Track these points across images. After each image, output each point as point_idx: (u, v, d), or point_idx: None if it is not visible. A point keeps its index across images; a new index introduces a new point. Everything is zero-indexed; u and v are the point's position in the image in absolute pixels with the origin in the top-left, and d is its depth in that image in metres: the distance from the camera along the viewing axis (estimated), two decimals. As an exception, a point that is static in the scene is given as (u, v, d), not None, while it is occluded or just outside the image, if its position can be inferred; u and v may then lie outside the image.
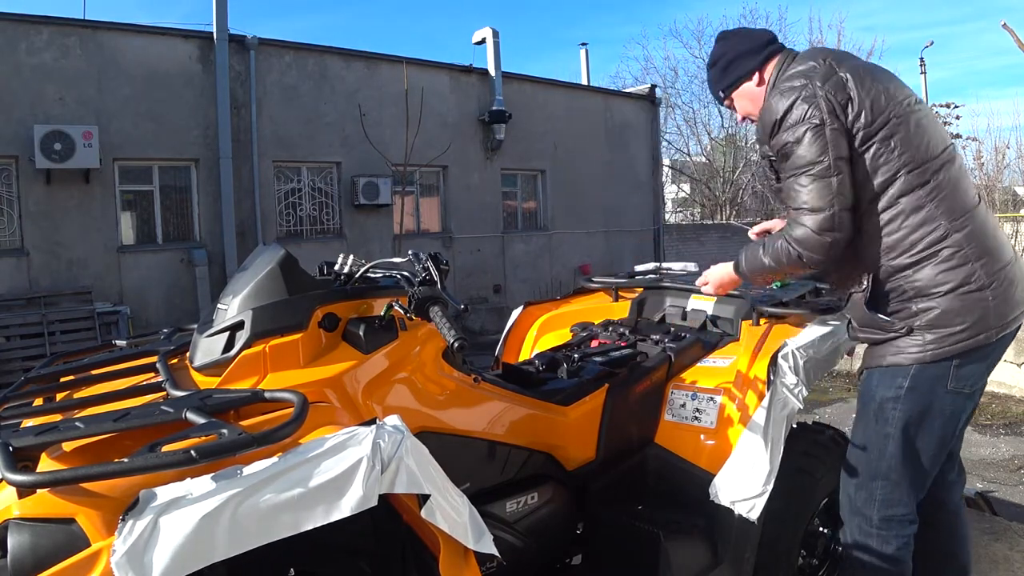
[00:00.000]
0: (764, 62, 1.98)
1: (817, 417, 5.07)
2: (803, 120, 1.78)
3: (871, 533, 1.93)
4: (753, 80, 2.00)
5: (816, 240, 1.78)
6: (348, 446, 1.24)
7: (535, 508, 1.92)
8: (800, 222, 1.80)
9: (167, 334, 2.09)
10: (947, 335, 1.78)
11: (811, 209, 1.78)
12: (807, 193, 1.78)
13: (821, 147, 1.76)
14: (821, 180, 1.76)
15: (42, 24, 7.73)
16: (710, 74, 2.11)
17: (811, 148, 1.77)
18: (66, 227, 7.88)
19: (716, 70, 2.08)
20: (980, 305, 1.78)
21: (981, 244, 1.79)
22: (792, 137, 1.79)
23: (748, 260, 1.99)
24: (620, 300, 2.97)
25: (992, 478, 4.25)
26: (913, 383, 1.83)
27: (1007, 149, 18.61)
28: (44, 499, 1.15)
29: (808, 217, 1.78)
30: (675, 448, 2.20)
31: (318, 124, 9.72)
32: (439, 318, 1.61)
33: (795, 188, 1.81)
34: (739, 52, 2.01)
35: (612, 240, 13.43)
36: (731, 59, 2.02)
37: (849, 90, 1.80)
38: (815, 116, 1.77)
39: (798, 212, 1.81)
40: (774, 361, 2.04)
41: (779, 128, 1.82)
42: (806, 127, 1.77)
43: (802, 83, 1.82)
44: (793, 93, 1.81)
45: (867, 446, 1.93)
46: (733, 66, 2.02)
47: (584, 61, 15.49)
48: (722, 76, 2.06)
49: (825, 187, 1.76)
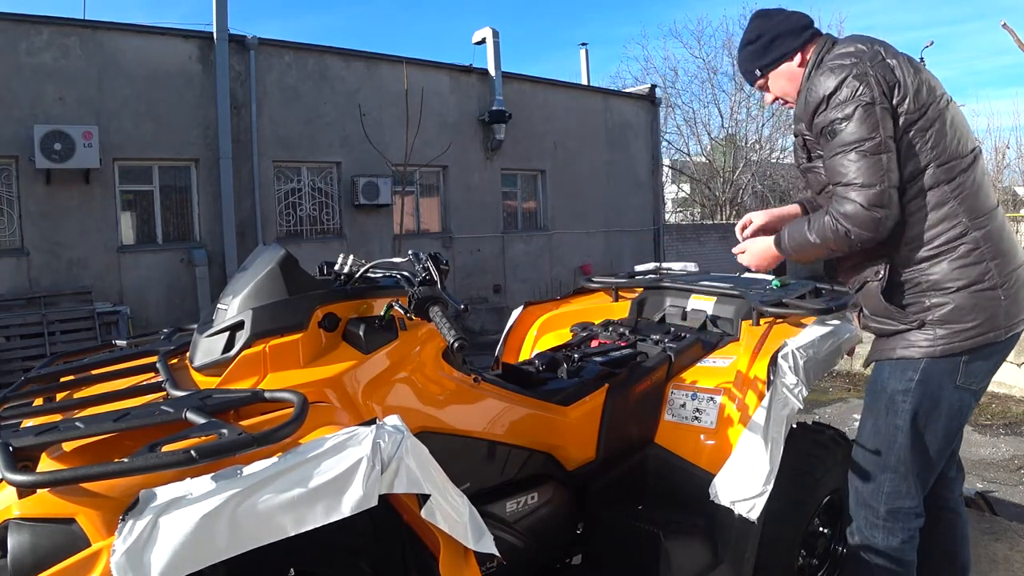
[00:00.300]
0: (806, 43, 1.97)
1: (817, 417, 5.07)
2: (854, 97, 1.77)
3: (877, 525, 1.94)
4: (795, 60, 1.98)
5: (866, 215, 1.76)
6: (348, 446, 1.24)
7: (535, 508, 1.92)
8: (849, 198, 1.78)
9: (167, 334, 2.09)
10: (958, 331, 1.80)
11: (862, 185, 1.76)
12: (857, 169, 1.77)
13: (872, 124, 1.75)
14: (872, 157, 1.75)
15: (42, 24, 7.73)
16: (747, 51, 2.07)
17: (862, 125, 1.76)
18: (66, 227, 7.88)
19: (756, 47, 2.03)
20: (992, 304, 1.80)
21: (997, 245, 1.82)
22: (841, 114, 1.78)
23: (791, 236, 1.96)
24: (620, 300, 2.97)
25: (992, 478, 4.25)
26: (923, 376, 1.85)
27: (1007, 149, 18.66)
28: (44, 499, 1.15)
29: (858, 192, 1.76)
30: (675, 448, 2.20)
31: (318, 124, 9.72)
32: (439, 318, 1.61)
33: (843, 164, 1.79)
34: (782, 31, 1.98)
35: (612, 240, 13.43)
36: (773, 36, 1.99)
37: (897, 75, 1.80)
38: (866, 94, 1.76)
39: (847, 188, 1.79)
40: (774, 361, 2.04)
41: (827, 105, 1.81)
42: (856, 104, 1.76)
43: (852, 61, 1.80)
44: (843, 71, 1.80)
45: (876, 438, 1.94)
46: (776, 44, 1.99)
47: (584, 61, 15.51)
48: (763, 53, 2.02)
49: (876, 163, 1.75)
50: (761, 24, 2.03)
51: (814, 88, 1.84)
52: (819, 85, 1.83)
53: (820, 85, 1.83)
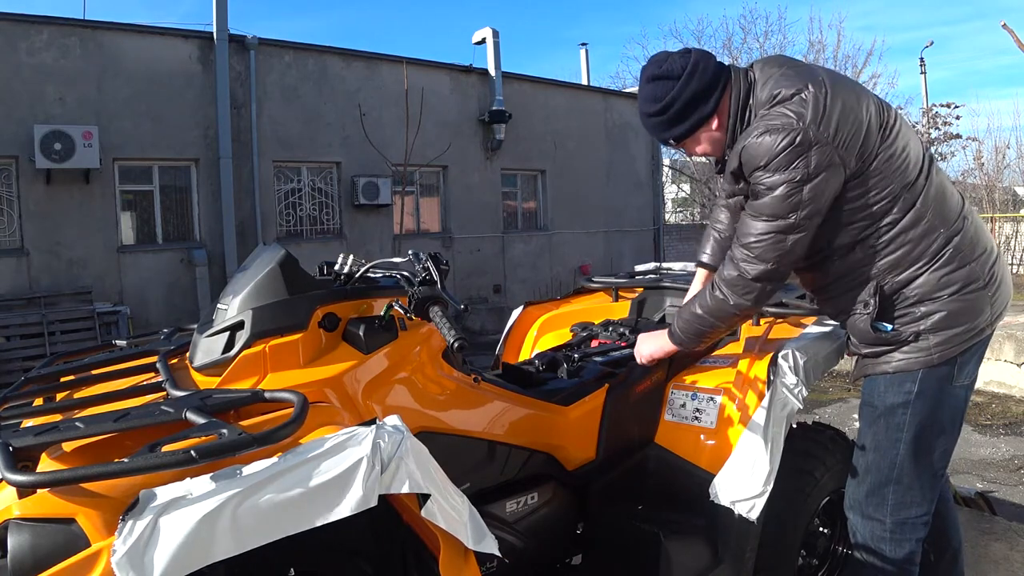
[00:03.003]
0: (720, 99, 1.79)
1: (817, 417, 5.08)
2: (787, 169, 1.64)
3: (884, 538, 1.89)
4: (713, 124, 1.81)
5: (749, 284, 1.77)
6: (348, 446, 1.24)
7: (535, 508, 1.92)
8: (737, 261, 1.78)
9: (167, 334, 2.09)
10: (952, 335, 1.77)
11: (756, 257, 1.74)
12: (758, 240, 1.73)
13: (793, 205, 1.67)
14: (778, 235, 1.71)
15: (42, 24, 7.73)
16: (655, 122, 1.84)
17: (783, 204, 1.67)
18: (66, 227, 7.88)
19: (665, 119, 1.81)
20: (981, 301, 1.78)
21: (974, 243, 1.80)
22: (767, 183, 1.68)
23: (682, 319, 1.96)
24: (620, 300, 2.97)
25: (992, 478, 4.25)
26: (921, 387, 1.80)
27: (1007, 149, 18.64)
28: (44, 499, 1.15)
29: (748, 264, 1.76)
30: (675, 448, 2.20)
31: (318, 124, 9.72)
32: (439, 318, 1.61)
33: (750, 225, 1.75)
34: (693, 94, 1.76)
35: (612, 240, 13.43)
36: (684, 104, 1.77)
37: (846, 119, 1.67)
38: (799, 170, 1.64)
39: (743, 249, 1.77)
40: (774, 361, 2.04)
41: (763, 169, 1.69)
42: (786, 181, 1.65)
43: (794, 126, 1.64)
44: (783, 136, 1.64)
45: (876, 453, 1.88)
46: (688, 112, 1.79)
47: (584, 61, 15.53)
48: (675, 123, 1.81)
49: (779, 243, 1.71)
50: (663, 90, 1.78)
51: (752, 151, 1.69)
52: (755, 150, 1.68)
53: (756, 150, 1.68)
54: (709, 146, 1.87)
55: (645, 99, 1.84)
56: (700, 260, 2.31)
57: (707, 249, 2.29)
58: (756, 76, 1.79)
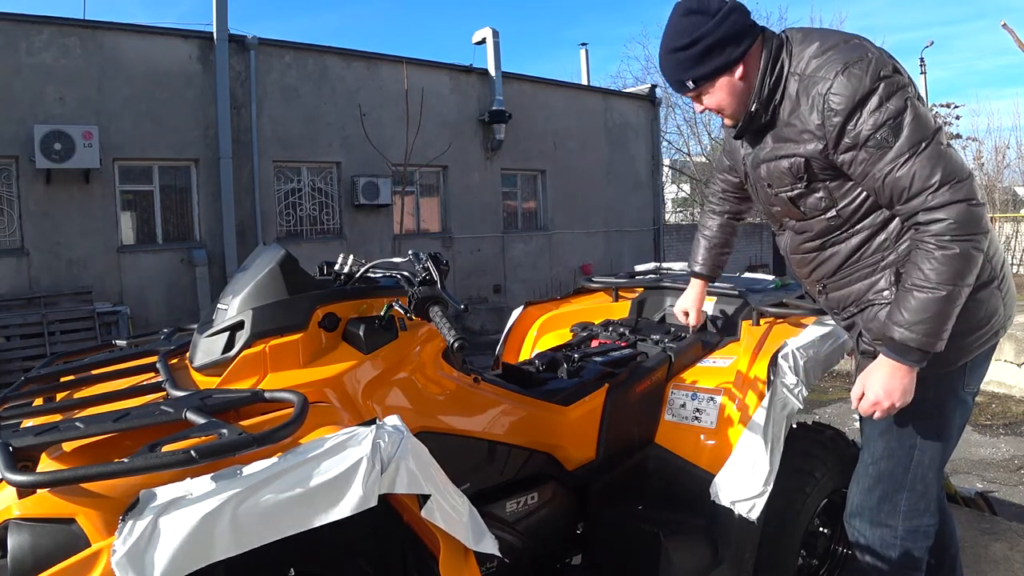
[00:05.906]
0: (748, 49, 1.67)
1: (817, 417, 5.07)
2: (898, 91, 1.52)
3: (894, 545, 1.86)
4: (736, 72, 1.68)
5: (976, 213, 1.51)
6: (348, 446, 1.24)
7: (535, 508, 1.92)
8: (944, 203, 1.50)
9: (167, 334, 2.09)
10: (967, 339, 1.70)
11: (958, 180, 1.50)
12: (942, 167, 1.50)
13: (928, 115, 1.53)
14: (946, 150, 1.53)
15: (42, 24, 7.73)
16: (676, 58, 1.70)
17: (923, 120, 1.52)
18: (66, 227, 7.88)
19: (690, 55, 1.67)
20: (994, 300, 1.71)
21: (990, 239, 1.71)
22: (888, 116, 1.51)
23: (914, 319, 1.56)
24: (620, 300, 2.97)
25: (992, 478, 4.25)
26: (935, 393, 1.75)
27: (1007, 149, 18.67)
28: (44, 499, 1.15)
29: (953, 190, 1.50)
30: (675, 448, 2.20)
31: (318, 124, 9.72)
32: (439, 318, 1.61)
33: (908, 170, 1.52)
34: (722, 36, 1.64)
35: (612, 240, 13.43)
36: (711, 44, 1.64)
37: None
38: (908, 85, 1.54)
39: (935, 194, 1.51)
40: (774, 361, 2.04)
41: (860, 110, 1.53)
42: (905, 98, 1.52)
43: (864, 54, 1.55)
44: (866, 65, 1.53)
45: (889, 459, 1.83)
46: (715, 53, 1.65)
47: (584, 61, 15.52)
48: (699, 63, 1.67)
49: (947, 155, 1.52)
50: (695, 25, 1.65)
51: (841, 86, 1.55)
52: (848, 79, 1.54)
53: (849, 78, 1.53)
54: (725, 96, 1.71)
55: (673, 33, 1.70)
56: (693, 270, 2.31)
57: (699, 258, 2.29)
58: (791, 36, 1.71)
